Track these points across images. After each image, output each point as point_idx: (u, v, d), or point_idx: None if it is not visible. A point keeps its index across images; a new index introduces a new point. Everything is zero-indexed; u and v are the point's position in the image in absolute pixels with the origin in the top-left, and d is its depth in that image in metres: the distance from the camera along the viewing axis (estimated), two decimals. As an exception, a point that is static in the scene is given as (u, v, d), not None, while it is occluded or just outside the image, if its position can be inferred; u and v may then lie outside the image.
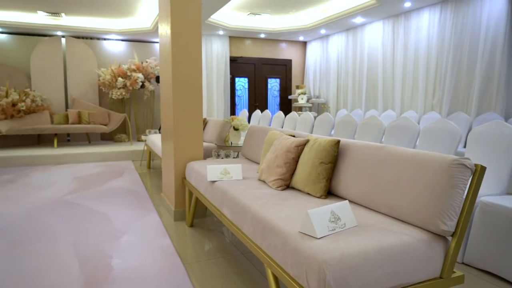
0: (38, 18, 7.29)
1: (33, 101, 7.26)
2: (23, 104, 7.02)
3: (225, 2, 5.74)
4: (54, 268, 2.45)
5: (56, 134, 7.14)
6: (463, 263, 2.54)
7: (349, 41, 7.83)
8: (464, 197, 1.60)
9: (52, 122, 7.45)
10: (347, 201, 1.69)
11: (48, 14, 7.05)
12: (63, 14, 7.11)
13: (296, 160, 2.40)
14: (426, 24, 5.99)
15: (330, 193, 2.25)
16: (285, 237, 1.62)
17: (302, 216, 1.78)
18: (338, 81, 8.26)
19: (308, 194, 2.24)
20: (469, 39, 5.33)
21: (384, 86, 6.91)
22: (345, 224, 1.63)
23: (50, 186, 4.71)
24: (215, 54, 8.63)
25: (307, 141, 2.40)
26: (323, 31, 8.13)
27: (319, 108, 8.98)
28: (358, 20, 6.99)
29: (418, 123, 5.41)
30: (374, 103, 7.22)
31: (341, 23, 7.29)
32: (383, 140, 3.85)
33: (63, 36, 7.94)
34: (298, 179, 2.32)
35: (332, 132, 4.82)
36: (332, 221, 1.60)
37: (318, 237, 1.51)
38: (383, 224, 1.70)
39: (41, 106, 7.43)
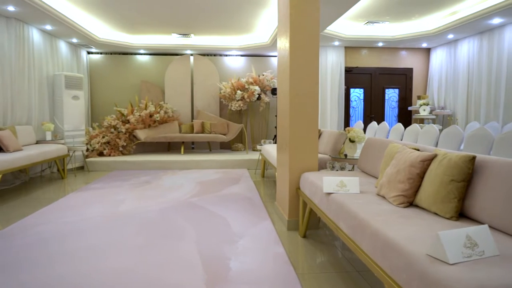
0: (172, 40, 8.28)
1: (165, 112, 8.23)
2: (158, 115, 8.01)
3: (342, 13, 5.67)
4: (181, 264, 2.71)
5: (183, 142, 7.95)
6: None
7: (483, 45, 6.97)
8: None
9: (180, 131, 8.32)
10: (486, 225, 1.50)
11: (180, 35, 7.95)
12: (192, 35, 7.94)
13: (421, 176, 2.22)
14: None
15: (461, 215, 2.02)
16: (410, 258, 1.51)
17: (429, 237, 1.63)
18: (469, 90, 7.39)
19: (435, 214, 2.04)
20: None
21: (529, 95, 5.93)
22: (483, 251, 1.44)
23: (178, 189, 5.25)
24: (330, 65, 8.57)
25: (435, 155, 2.19)
26: (450, 36, 7.40)
27: (444, 120, 8.16)
28: (496, 21, 6.18)
29: None
30: (514, 114, 6.25)
31: (473, 26, 6.54)
32: (528, 157, 3.30)
33: (191, 55, 8.85)
34: (423, 196, 2.13)
35: (462, 147, 4.33)
36: (468, 247, 1.42)
37: (451, 263, 1.37)
38: (534, 256, 1.45)
39: (172, 117, 8.37)
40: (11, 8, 5.20)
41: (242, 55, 9.04)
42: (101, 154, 7.48)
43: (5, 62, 5.60)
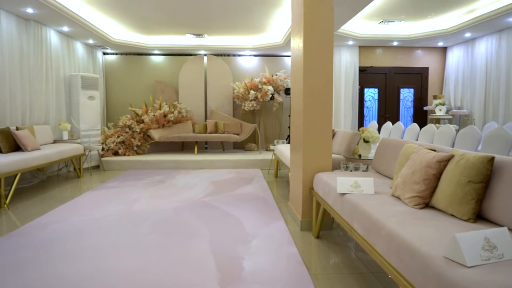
0: (186, 40, 8.34)
1: (179, 112, 8.29)
2: (171, 115, 8.08)
3: (356, 13, 5.62)
4: (194, 263, 2.72)
5: (196, 142, 8.00)
6: None
7: (501, 44, 6.81)
8: None
9: (193, 131, 8.37)
10: (505, 228, 1.46)
11: (194, 35, 8.00)
12: (206, 35, 7.98)
13: (437, 177, 2.18)
14: None
15: (479, 217, 1.97)
16: (426, 261, 1.48)
17: (446, 239, 1.60)
18: (487, 90, 7.24)
19: (452, 215, 2.01)
20: None
21: (550, 94, 5.77)
22: (503, 254, 1.41)
23: (191, 188, 5.28)
24: (344, 64, 8.50)
25: (452, 156, 2.16)
26: (468, 35, 7.26)
27: (461, 120, 8.02)
28: (515, 19, 6.04)
29: None
30: (534, 114, 6.10)
31: (492, 24, 6.40)
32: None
33: (205, 55, 8.90)
34: (440, 198, 2.10)
35: (479, 148, 4.24)
36: (486, 250, 1.39)
37: (469, 265, 1.34)
38: (556, 260, 1.41)
39: (186, 117, 8.43)
40: (30, 10, 5.32)
41: (255, 55, 9.04)
42: (116, 153, 7.58)
43: (24, 63, 5.72)
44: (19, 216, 3.95)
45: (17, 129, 5.19)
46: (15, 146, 5.06)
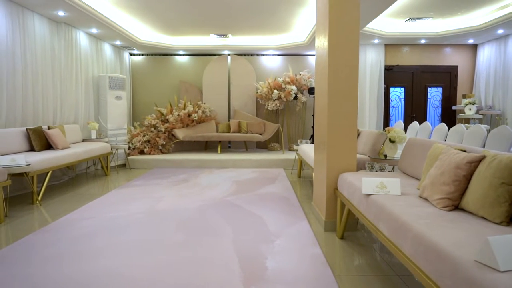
0: (210, 40, 8.42)
1: (203, 112, 8.38)
2: (196, 115, 8.17)
3: (382, 10, 5.52)
4: (218, 262, 2.74)
5: (220, 141, 8.06)
6: None
7: (536, 40, 6.53)
8: None
9: (217, 131, 8.44)
10: (542, 231, 1.40)
11: (218, 36, 8.07)
12: (230, 35, 8.03)
13: (467, 178, 2.11)
14: None
15: (513, 220, 1.90)
16: (456, 264, 1.44)
17: (477, 243, 1.55)
18: (520, 88, 6.96)
19: (483, 218, 1.94)
20: None
21: None
22: (538, 259, 1.34)
23: (214, 187, 5.33)
24: (369, 63, 8.36)
25: (483, 157, 2.08)
26: (500, 31, 6.99)
27: (492, 120, 7.73)
28: (551, 14, 5.77)
29: None
30: None
31: (526, 20, 6.15)
32: None
33: (229, 55, 8.96)
34: (470, 200, 2.03)
35: (512, 149, 4.08)
36: (521, 254, 1.34)
37: (502, 270, 1.29)
38: None
39: (209, 117, 8.51)
40: (61, 13, 5.51)
41: (279, 55, 9.03)
42: (141, 152, 7.74)
43: (55, 64, 5.93)
44: (50, 213, 4.10)
45: (49, 128, 5.39)
46: (47, 145, 5.25)
